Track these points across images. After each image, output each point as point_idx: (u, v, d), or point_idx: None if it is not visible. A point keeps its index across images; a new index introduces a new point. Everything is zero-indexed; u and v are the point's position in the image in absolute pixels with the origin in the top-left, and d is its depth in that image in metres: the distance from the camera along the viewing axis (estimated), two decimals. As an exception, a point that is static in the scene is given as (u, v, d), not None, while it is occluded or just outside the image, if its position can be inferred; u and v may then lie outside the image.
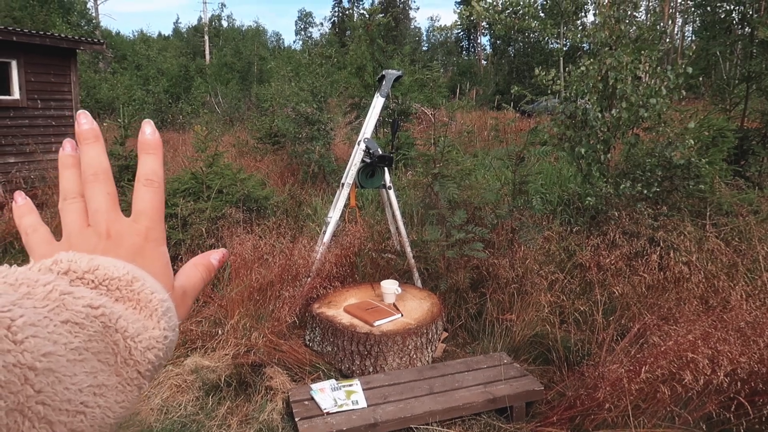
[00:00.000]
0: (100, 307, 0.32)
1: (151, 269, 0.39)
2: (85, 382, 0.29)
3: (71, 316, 0.30)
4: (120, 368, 0.32)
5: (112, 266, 0.35)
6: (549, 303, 3.69)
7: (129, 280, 0.35)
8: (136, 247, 0.40)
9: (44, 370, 0.27)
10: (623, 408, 2.66)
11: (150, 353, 0.33)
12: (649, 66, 4.89)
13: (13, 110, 8.22)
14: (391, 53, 10.37)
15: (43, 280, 0.31)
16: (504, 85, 31.29)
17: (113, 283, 0.34)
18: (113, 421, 0.31)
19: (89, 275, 0.34)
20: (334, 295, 3.92)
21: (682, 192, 4.70)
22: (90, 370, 0.30)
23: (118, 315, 0.32)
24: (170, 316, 0.36)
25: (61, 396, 0.27)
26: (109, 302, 0.33)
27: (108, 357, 0.31)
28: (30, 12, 29.56)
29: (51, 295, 0.30)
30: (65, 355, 0.28)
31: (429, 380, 3.13)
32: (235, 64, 33.14)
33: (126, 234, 0.40)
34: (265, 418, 3.00)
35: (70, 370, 0.28)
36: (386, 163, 4.03)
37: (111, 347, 0.32)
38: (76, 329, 0.30)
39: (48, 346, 0.27)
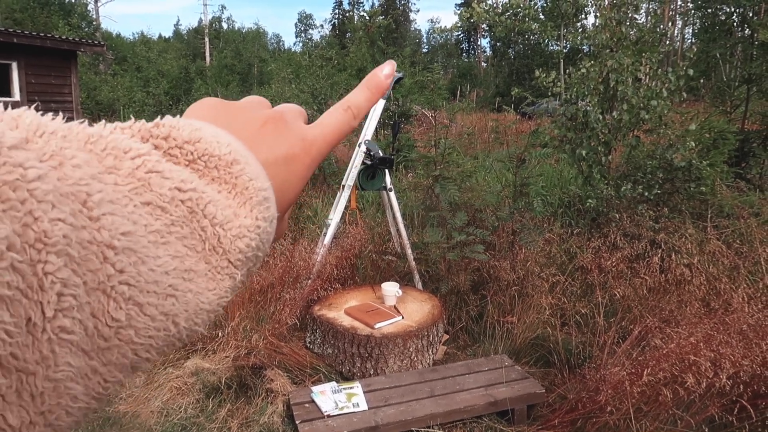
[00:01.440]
0: (188, 190, 0.29)
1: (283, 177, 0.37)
2: (171, 265, 0.28)
3: (154, 198, 0.28)
4: (209, 255, 0.30)
5: (216, 142, 0.32)
6: (550, 305, 3.68)
7: (229, 161, 0.32)
8: (291, 152, 0.38)
9: (124, 249, 0.25)
10: (625, 411, 2.65)
11: (240, 242, 0.31)
12: (649, 68, 4.89)
13: (14, 112, 8.22)
14: (392, 55, 10.39)
15: (133, 152, 0.28)
16: (504, 87, 31.31)
17: (212, 160, 0.32)
18: (208, 308, 0.30)
19: (189, 146, 0.31)
20: (335, 297, 3.91)
21: (683, 194, 4.69)
22: (175, 254, 0.28)
23: (208, 200, 0.30)
24: (267, 206, 0.33)
25: (146, 277, 0.26)
26: (201, 183, 0.31)
27: (195, 243, 0.30)
28: (31, 14, 29.63)
29: (137, 171, 0.28)
30: (146, 236, 0.27)
31: (430, 383, 3.12)
32: (236, 66, 33.20)
33: (294, 132, 0.39)
34: (266, 420, 3.00)
35: (153, 252, 0.27)
36: (387, 165, 4.03)
37: (198, 233, 0.30)
38: (157, 212, 0.28)
39: (127, 225, 0.26)
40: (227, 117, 0.37)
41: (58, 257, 0.22)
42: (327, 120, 0.41)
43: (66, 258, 0.23)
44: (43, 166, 0.23)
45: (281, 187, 0.36)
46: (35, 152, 0.24)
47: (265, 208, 0.33)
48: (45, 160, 0.24)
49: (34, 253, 0.22)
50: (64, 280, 0.23)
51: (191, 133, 0.32)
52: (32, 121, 0.26)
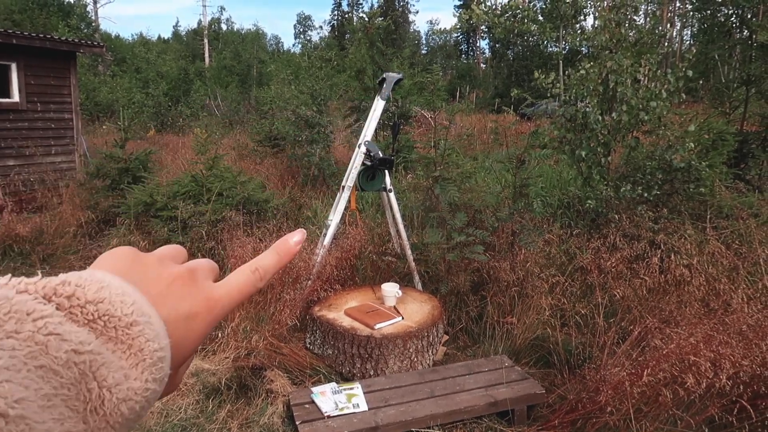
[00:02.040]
0: (84, 353, 0.30)
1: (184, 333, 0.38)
2: (54, 430, 0.28)
3: (49, 362, 0.28)
4: (87, 416, 0.30)
5: (120, 301, 0.33)
6: (550, 306, 3.68)
7: (129, 323, 0.33)
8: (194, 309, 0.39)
9: (16, 417, 0.25)
10: (625, 411, 2.65)
11: (124, 405, 0.31)
12: (649, 69, 4.90)
13: (13, 113, 8.22)
14: (391, 56, 10.39)
15: (36, 313, 0.29)
16: (503, 89, 31.33)
17: (112, 321, 0.32)
18: None
19: (91, 306, 0.32)
20: (335, 298, 3.91)
21: (682, 195, 4.70)
22: (58, 417, 0.28)
23: (102, 362, 0.31)
24: (160, 366, 0.34)
25: None
26: (98, 344, 0.31)
27: (77, 404, 0.30)
28: (30, 15, 29.61)
29: (37, 335, 0.28)
30: (35, 402, 0.27)
31: (430, 383, 3.12)
32: (235, 67, 33.19)
33: (198, 289, 0.40)
34: (266, 421, 2.99)
35: (41, 417, 0.27)
36: (387, 165, 4.03)
37: (83, 394, 0.30)
38: (49, 375, 0.28)
39: (21, 392, 0.26)
40: (139, 271, 0.38)
41: None
42: (234, 279, 0.42)
43: None
44: None
45: (179, 342, 0.37)
46: None
47: (157, 369, 0.34)
48: None
49: None
50: None
51: (96, 293, 0.33)
52: None
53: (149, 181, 6.01)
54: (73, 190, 6.91)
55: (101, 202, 6.11)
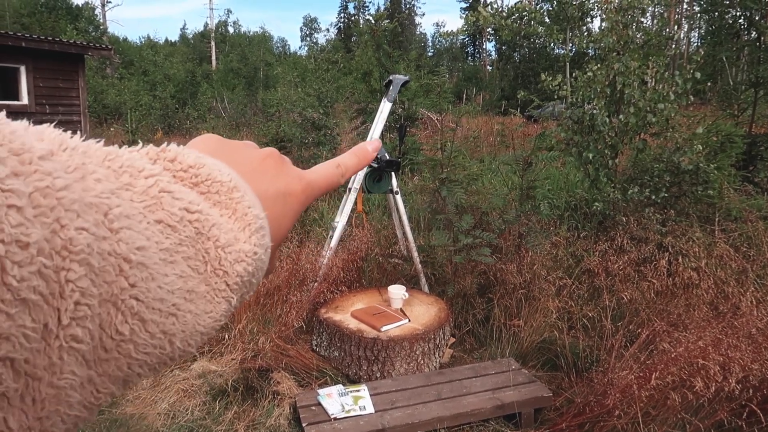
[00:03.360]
0: (196, 212, 0.30)
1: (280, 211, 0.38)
2: (176, 284, 0.28)
3: (166, 216, 0.29)
4: (209, 277, 0.31)
5: (217, 169, 0.34)
6: (557, 309, 3.67)
7: (230, 187, 0.33)
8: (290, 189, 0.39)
9: (138, 263, 0.26)
10: (633, 415, 2.64)
11: (239, 266, 0.32)
12: (656, 71, 4.88)
13: (22, 115, 8.18)
14: (397, 59, 10.40)
15: (147, 171, 0.29)
16: (509, 91, 31.30)
17: (215, 186, 0.33)
18: (203, 330, 0.30)
19: (194, 170, 0.33)
20: (341, 300, 3.91)
21: (690, 197, 4.67)
22: (180, 274, 0.29)
23: (213, 222, 0.31)
24: (263, 234, 0.34)
25: (154, 294, 0.27)
26: (207, 206, 0.32)
27: (198, 264, 0.30)
28: (39, 18, 29.85)
29: (151, 190, 0.29)
30: (157, 254, 0.27)
31: (437, 386, 3.12)
32: (241, 70, 33.32)
33: (290, 170, 0.40)
34: (272, 423, 3.00)
35: (162, 270, 0.27)
36: (393, 167, 4.03)
37: (202, 254, 0.30)
38: (168, 231, 0.29)
39: (142, 240, 0.26)
40: (228, 152, 0.39)
41: (80, 266, 0.23)
42: (321, 170, 0.44)
43: (87, 267, 0.23)
44: (69, 177, 0.24)
45: (277, 219, 0.38)
46: (61, 164, 0.24)
47: (261, 236, 0.34)
48: (70, 172, 0.24)
49: (59, 260, 0.22)
50: (83, 290, 0.23)
51: (196, 159, 0.33)
52: (56, 137, 0.27)
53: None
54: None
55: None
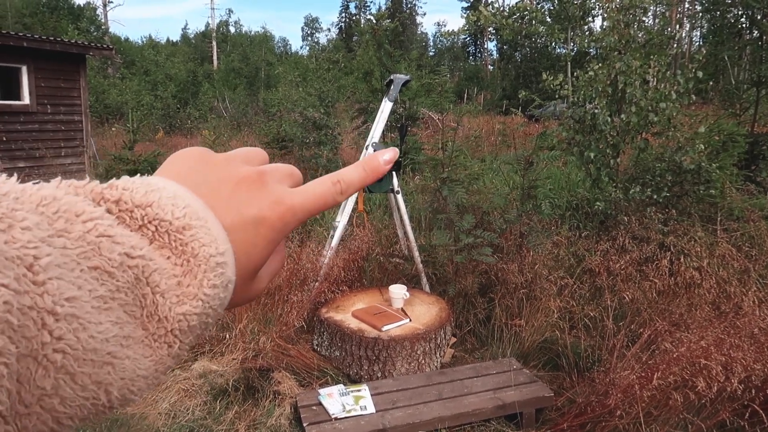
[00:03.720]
0: (137, 257, 0.29)
1: (252, 241, 0.35)
2: (111, 332, 0.27)
3: (103, 263, 0.27)
4: (146, 322, 0.30)
5: (171, 205, 0.31)
6: (558, 308, 3.66)
7: (180, 227, 0.31)
8: (265, 215, 0.36)
9: (66, 315, 0.25)
10: (635, 415, 2.63)
11: (179, 308, 0.31)
12: (658, 70, 4.87)
13: (24, 115, 8.29)
14: (398, 58, 10.39)
15: (86, 215, 0.28)
16: (511, 90, 31.28)
17: (162, 225, 0.31)
18: (145, 374, 0.29)
19: (139, 210, 0.31)
20: (342, 299, 3.91)
21: (692, 197, 4.66)
22: (116, 320, 0.28)
23: (154, 268, 0.30)
24: (220, 272, 0.32)
25: (85, 345, 0.25)
26: (150, 251, 0.30)
27: (134, 310, 0.29)
28: (40, 18, 29.89)
29: (88, 235, 0.27)
30: (89, 302, 0.26)
31: (438, 386, 3.11)
32: (243, 70, 33.34)
33: (267, 193, 0.37)
34: (273, 423, 2.99)
35: (96, 318, 0.26)
36: (394, 167, 4.02)
37: (139, 299, 0.29)
38: (104, 277, 0.27)
39: (72, 290, 0.25)
40: (204, 172, 0.37)
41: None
42: (312, 188, 0.39)
43: (5, 325, 0.22)
44: None
45: (246, 249, 0.35)
46: None
47: (216, 275, 0.32)
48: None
49: None
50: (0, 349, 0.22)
51: (143, 197, 0.31)
52: None
53: (158, 183, 6.02)
54: (82, 191, 6.93)
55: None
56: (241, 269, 0.35)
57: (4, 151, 7.75)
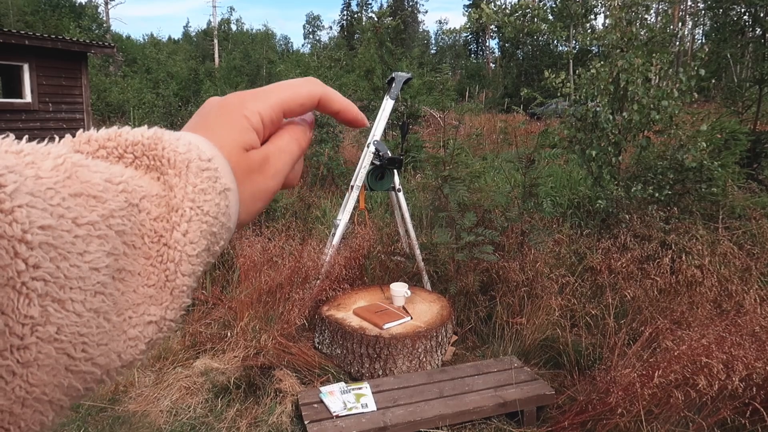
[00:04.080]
0: (120, 183, 0.28)
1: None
2: (102, 261, 0.26)
3: (85, 188, 0.26)
4: (148, 249, 0.29)
5: (139, 131, 0.31)
6: (559, 306, 3.66)
7: (151, 144, 0.30)
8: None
9: (41, 243, 0.24)
10: (636, 413, 2.63)
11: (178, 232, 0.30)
12: (660, 68, 4.86)
13: (25, 113, 8.30)
14: (400, 56, 10.39)
15: (54, 153, 0.27)
16: (513, 88, 31.24)
17: (137, 148, 0.30)
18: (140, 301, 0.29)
19: (111, 142, 0.30)
20: (344, 297, 3.91)
21: (694, 195, 4.66)
22: (110, 250, 0.27)
23: (142, 194, 0.29)
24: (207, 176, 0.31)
25: (68, 273, 0.24)
26: (134, 176, 0.29)
27: (134, 239, 0.28)
28: (42, 16, 29.90)
29: (61, 166, 0.26)
30: (72, 230, 0.25)
31: (439, 384, 3.11)
32: (244, 68, 33.28)
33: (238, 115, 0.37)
34: (275, 420, 3.00)
35: (81, 247, 0.25)
36: (396, 165, 4.02)
37: (137, 228, 0.28)
38: (92, 202, 0.26)
39: (47, 219, 0.24)
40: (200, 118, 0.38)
41: None
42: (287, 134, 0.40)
43: None
44: None
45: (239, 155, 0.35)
46: None
47: (202, 179, 0.31)
48: None
49: None
50: None
51: (114, 132, 0.31)
52: None
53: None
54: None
55: (112, 201, 6.14)
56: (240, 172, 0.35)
57: (6, 149, 7.75)
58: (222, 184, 0.32)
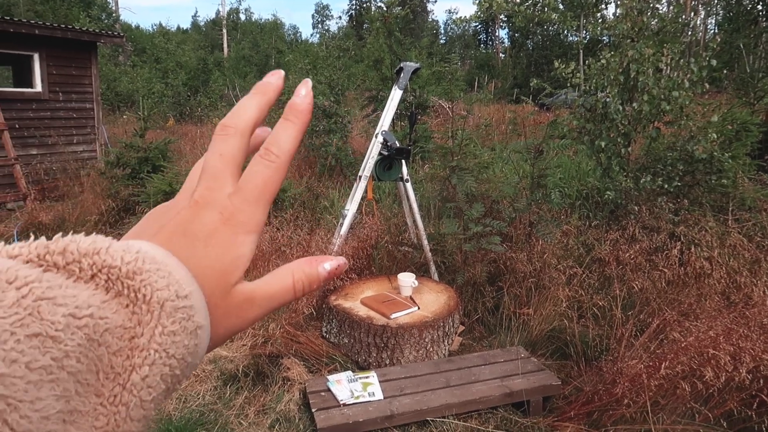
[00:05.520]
0: (84, 317, 0.26)
1: (207, 259, 0.33)
2: (53, 408, 0.24)
3: (44, 328, 0.24)
4: (101, 387, 0.27)
5: (120, 251, 0.29)
6: (567, 297, 3.66)
7: (129, 272, 0.29)
8: (210, 227, 0.34)
9: None
10: (642, 404, 2.64)
11: (128, 362, 0.28)
12: (671, 58, 4.82)
13: (36, 103, 8.35)
14: (409, 46, 10.34)
15: (20, 281, 0.25)
16: (522, 79, 31.04)
17: (113, 272, 0.28)
18: None
19: (87, 260, 0.28)
20: (351, 287, 3.93)
21: (703, 187, 4.62)
22: (61, 393, 0.25)
23: (105, 327, 0.27)
24: (180, 317, 0.29)
25: (17, 426, 0.22)
26: (100, 307, 0.27)
27: (88, 377, 0.26)
28: (52, 6, 29.95)
29: (24, 301, 0.25)
30: (25, 377, 0.23)
31: (445, 373, 3.13)
32: (253, 57, 33.30)
33: (210, 207, 0.34)
34: (282, 408, 3.03)
35: (32, 395, 0.23)
36: (404, 155, 4.02)
37: (94, 363, 0.26)
38: (48, 344, 0.24)
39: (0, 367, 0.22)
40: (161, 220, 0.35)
41: None
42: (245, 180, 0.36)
43: None
44: None
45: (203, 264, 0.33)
46: None
47: (175, 320, 0.29)
48: None
49: None
50: None
51: (91, 245, 0.29)
52: None
53: (168, 170, 6.07)
54: (94, 178, 7.00)
55: (121, 190, 6.19)
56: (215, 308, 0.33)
57: (17, 138, 7.81)
58: (194, 323, 0.30)
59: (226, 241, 0.34)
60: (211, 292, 0.33)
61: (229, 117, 0.37)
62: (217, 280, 0.33)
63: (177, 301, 0.29)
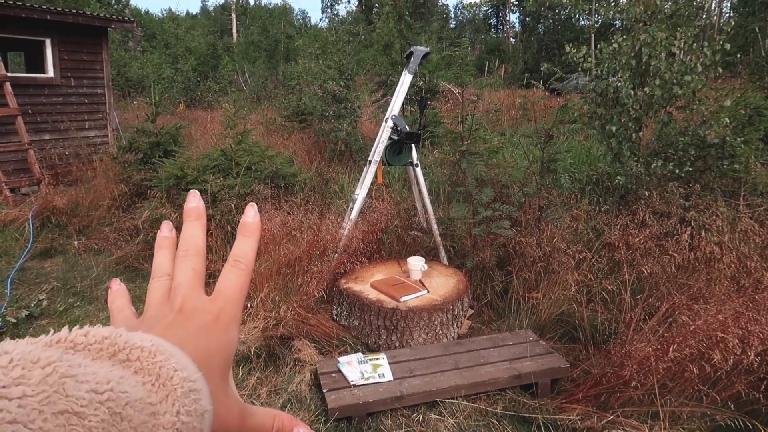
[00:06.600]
0: (105, 392, 0.27)
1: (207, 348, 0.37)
2: None
3: (70, 404, 0.25)
4: None
5: (138, 337, 0.32)
6: (576, 282, 3.67)
7: (152, 351, 0.31)
8: (203, 325, 0.39)
9: None
10: (650, 386, 2.66)
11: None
12: (684, 42, 4.76)
13: (48, 88, 8.40)
14: (419, 30, 10.28)
15: (44, 360, 0.26)
16: (533, 63, 30.72)
17: (134, 352, 0.31)
18: None
19: (108, 340, 0.31)
20: (361, 270, 3.96)
21: (715, 172, 4.59)
22: None
23: (126, 401, 0.28)
24: (194, 398, 0.31)
25: None
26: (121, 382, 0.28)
27: None
28: (62, -9, 29.89)
29: (49, 378, 0.25)
30: None
31: (454, 355, 3.16)
32: (262, 43, 33.15)
33: (198, 311, 0.39)
34: (294, 388, 3.08)
35: None
36: (413, 140, 4.03)
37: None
38: (73, 420, 0.25)
39: None
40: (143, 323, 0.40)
41: None
42: (223, 284, 0.42)
43: None
44: None
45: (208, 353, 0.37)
46: None
47: (191, 401, 0.31)
48: None
49: None
50: None
51: (110, 330, 0.31)
52: None
53: (180, 155, 6.10)
54: (106, 163, 7.06)
55: (133, 175, 6.24)
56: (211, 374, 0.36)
57: (29, 123, 7.87)
58: (202, 407, 0.32)
59: (220, 333, 0.39)
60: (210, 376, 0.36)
61: (187, 242, 0.44)
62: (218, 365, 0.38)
63: (191, 383, 0.32)
